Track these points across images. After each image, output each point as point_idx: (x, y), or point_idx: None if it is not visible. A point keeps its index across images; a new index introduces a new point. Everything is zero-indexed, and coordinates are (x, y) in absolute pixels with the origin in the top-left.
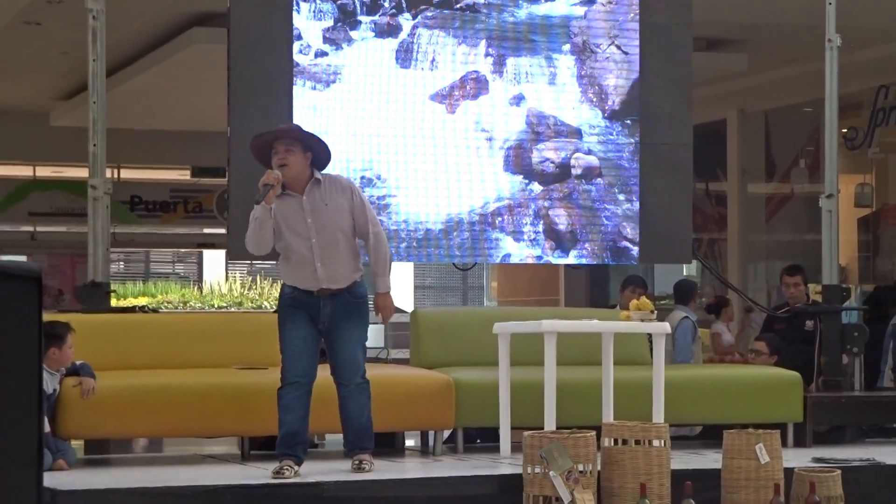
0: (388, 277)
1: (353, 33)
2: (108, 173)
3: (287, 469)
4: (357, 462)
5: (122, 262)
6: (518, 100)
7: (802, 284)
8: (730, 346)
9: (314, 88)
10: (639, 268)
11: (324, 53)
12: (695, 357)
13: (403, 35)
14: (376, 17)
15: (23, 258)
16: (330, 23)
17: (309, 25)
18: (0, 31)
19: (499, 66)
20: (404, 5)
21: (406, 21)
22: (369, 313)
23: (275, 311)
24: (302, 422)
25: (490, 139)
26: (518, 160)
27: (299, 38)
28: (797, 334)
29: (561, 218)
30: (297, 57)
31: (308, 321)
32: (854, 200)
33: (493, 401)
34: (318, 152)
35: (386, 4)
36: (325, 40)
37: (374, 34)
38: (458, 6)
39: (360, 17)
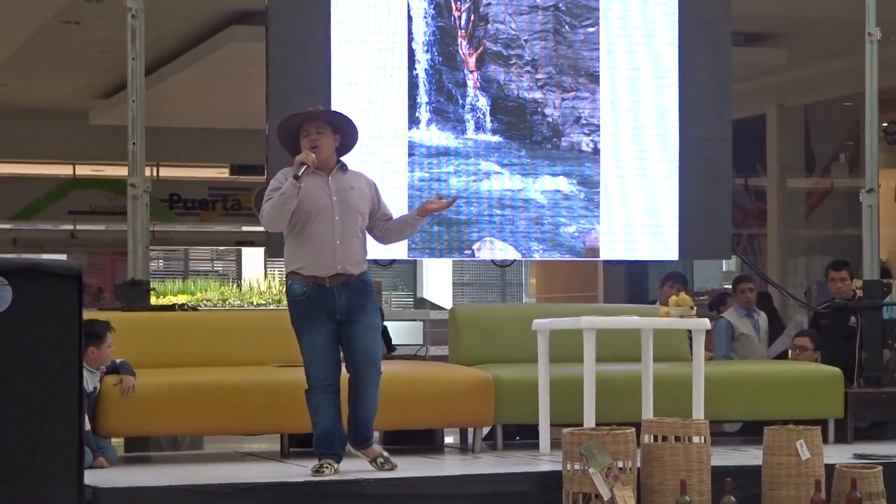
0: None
1: None
2: (148, 171)
3: (327, 467)
4: (382, 460)
5: (161, 260)
6: (552, 95)
7: (849, 279)
8: None
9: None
10: (679, 264)
11: None
12: (736, 354)
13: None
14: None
15: (63, 257)
16: None
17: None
18: (39, 31)
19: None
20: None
21: None
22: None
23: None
24: (335, 421)
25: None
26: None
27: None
28: (841, 330)
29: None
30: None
31: (324, 321)
32: (894, 195)
33: (532, 397)
34: (346, 134)
35: None
36: None
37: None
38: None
39: None
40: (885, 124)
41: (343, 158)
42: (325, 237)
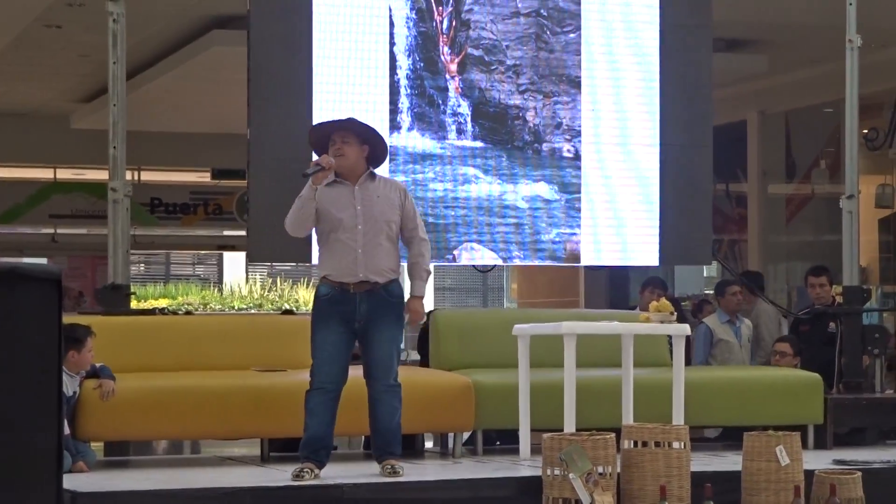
0: (424, 283)
1: None
2: (129, 175)
3: (307, 472)
4: (389, 467)
5: (142, 265)
6: (533, 100)
7: (828, 285)
8: None
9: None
10: (659, 269)
11: None
12: (715, 360)
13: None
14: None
15: (43, 260)
16: None
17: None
18: (20, 35)
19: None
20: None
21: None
22: (404, 316)
23: (286, 312)
24: (327, 427)
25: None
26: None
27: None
28: (820, 336)
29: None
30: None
31: (341, 324)
32: (875, 201)
33: (512, 403)
34: (374, 146)
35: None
36: None
37: None
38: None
39: None
40: (865, 131)
41: None
42: (349, 246)
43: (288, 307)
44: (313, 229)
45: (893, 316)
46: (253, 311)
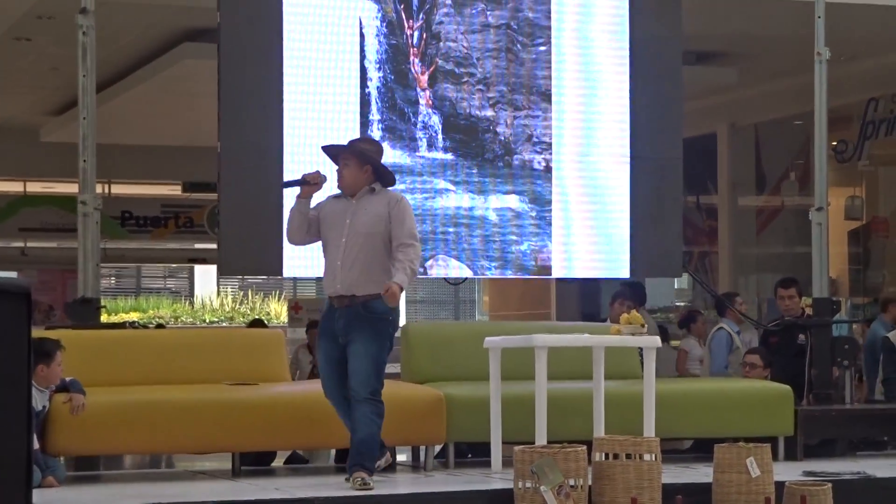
0: (404, 276)
1: None
2: (99, 189)
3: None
4: (359, 480)
5: (113, 278)
6: (504, 113)
7: (797, 297)
8: None
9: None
10: (630, 281)
11: None
12: (731, 367)
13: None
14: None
15: (13, 274)
16: None
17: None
18: None
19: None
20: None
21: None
22: (392, 336)
23: (255, 323)
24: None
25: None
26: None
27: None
28: (790, 347)
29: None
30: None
31: (329, 340)
32: (844, 213)
33: (484, 415)
34: (376, 166)
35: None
36: None
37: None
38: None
39: None
40: (834, 143)
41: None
42: (332, 259)
43: (258, 318)
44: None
45: (862, 328)
46: (224, 325)
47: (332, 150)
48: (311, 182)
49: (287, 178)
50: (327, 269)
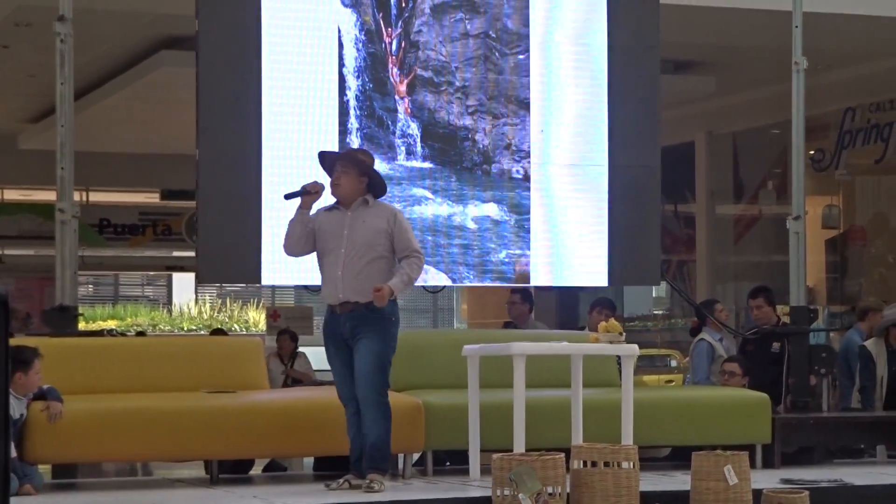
0: (399, 282)
1: None
2: (77, 196)
3: (349, 481)
4: (367, 482)
5: (91, 286)
6: (482, 121)
7: (766, 306)
8: None
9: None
10: (608, 289)
11: None
12: (715, 375)
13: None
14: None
15: None
16: None
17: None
18: None
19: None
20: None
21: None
22: (396, 336)
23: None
24: (355, 439)
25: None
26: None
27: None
28: (765, 355)
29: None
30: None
31: (336, 346)
32: (821, 222)
33: (462, 423)
34: (373, 179)
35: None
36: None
37: None
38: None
39: None
40: (811, 152)
41: None
42: (332, 269)
43: (219, 327)
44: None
45: (840, 336)
46: (202, 333)
47: (330, 158)
48: (311, 192)
49: (286, 190)
50: (326, 280)
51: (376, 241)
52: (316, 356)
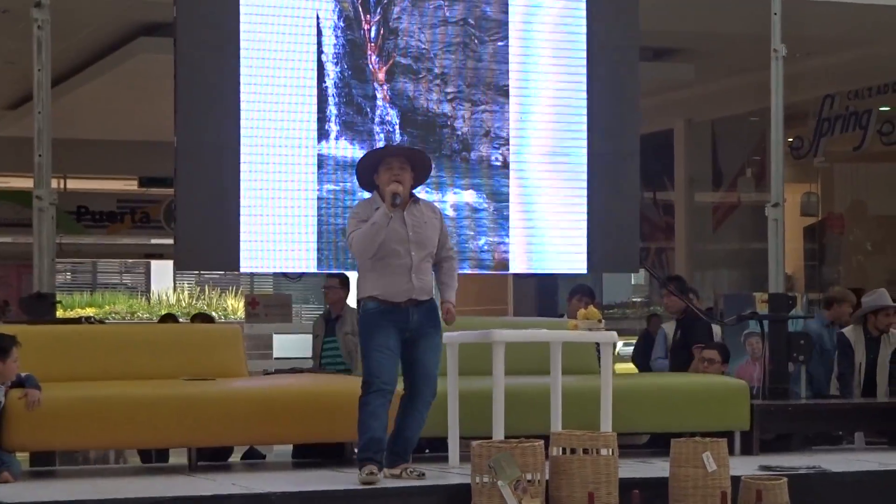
0: (453, 294)
1: None
2: (55, 183)
3: (373, 473)
4: (412, 469)
5: (69, 273)
6: (461, 108)
7: (671, 295)
8: None
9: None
10: (587, 277)
11: None
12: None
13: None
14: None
15: None
16: None
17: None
18: None
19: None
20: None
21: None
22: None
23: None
24: (385, 429)
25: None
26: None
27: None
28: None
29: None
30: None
31: (393, 331)
32: (800, 209)
33: (441, 410)
34: (419, 172)
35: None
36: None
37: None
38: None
39: None
40: (790, 139)
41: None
42: (401, 272)
43: (204, 312)
44: None
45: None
46: (182, 320)
47: (404, 152)
48: (401, 194)
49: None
50: (393, 279)
51: (435, 241)
52: (297, 343)
